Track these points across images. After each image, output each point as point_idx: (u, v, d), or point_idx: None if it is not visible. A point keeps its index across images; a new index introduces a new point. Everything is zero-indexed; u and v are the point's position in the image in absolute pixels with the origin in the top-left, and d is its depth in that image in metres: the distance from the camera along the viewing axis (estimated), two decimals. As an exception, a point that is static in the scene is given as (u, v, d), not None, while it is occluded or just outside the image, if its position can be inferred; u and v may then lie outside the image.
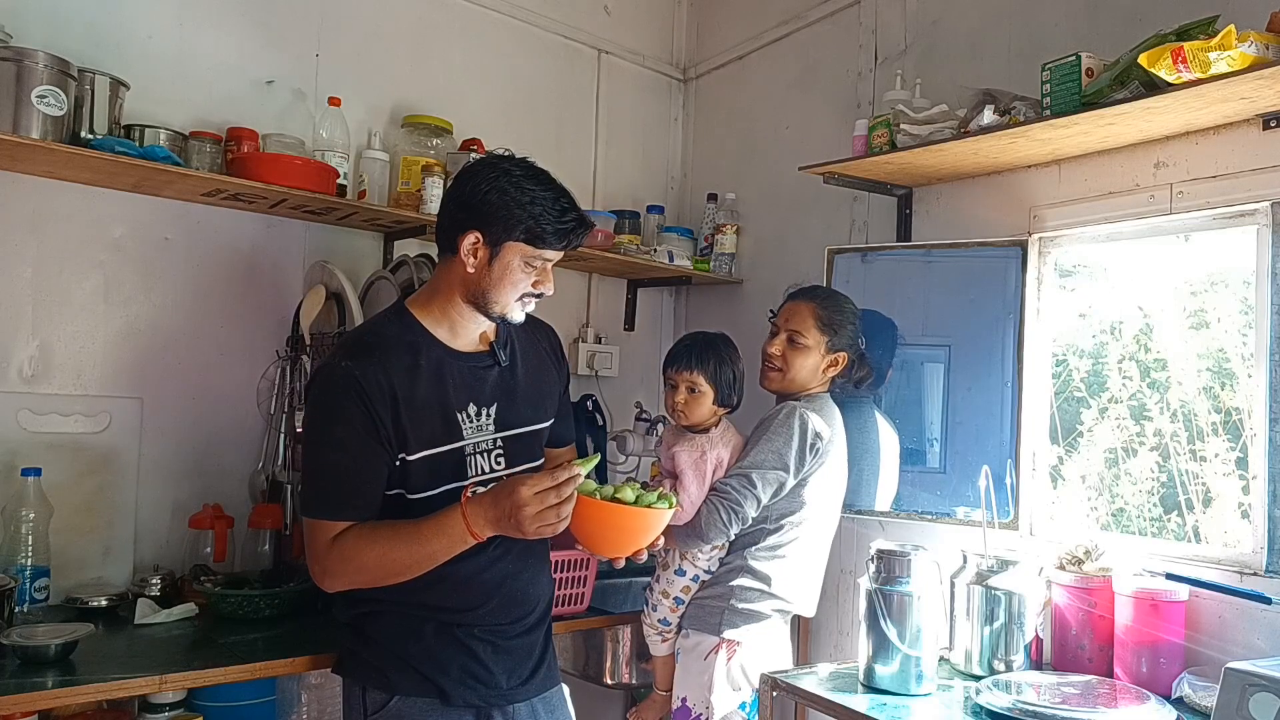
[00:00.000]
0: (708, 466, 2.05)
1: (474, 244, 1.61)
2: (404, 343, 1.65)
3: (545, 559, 1.82)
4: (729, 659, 2.01)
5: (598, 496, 1.58)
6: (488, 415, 1.70)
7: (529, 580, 1.73)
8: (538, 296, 1.69)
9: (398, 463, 1.60)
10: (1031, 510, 2.18)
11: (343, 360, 1.61)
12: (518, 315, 1.69)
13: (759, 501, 2.03)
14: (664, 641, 2.16)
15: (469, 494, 1.56)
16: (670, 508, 1.65)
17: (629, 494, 1.60)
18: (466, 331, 1.71)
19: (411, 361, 1.63)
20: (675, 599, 2.11)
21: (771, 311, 2.28)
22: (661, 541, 1.69)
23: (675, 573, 2.11)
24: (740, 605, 2.04)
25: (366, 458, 1.58)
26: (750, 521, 2.05)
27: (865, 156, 2.31)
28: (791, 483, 2.05)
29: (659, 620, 2.14)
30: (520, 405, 1.74)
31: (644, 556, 1.67)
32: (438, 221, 1.71)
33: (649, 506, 1.61)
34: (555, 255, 1.66)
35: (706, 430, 2.10)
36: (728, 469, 2.06)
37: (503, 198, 1.59)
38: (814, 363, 2.16)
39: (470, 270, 1.63)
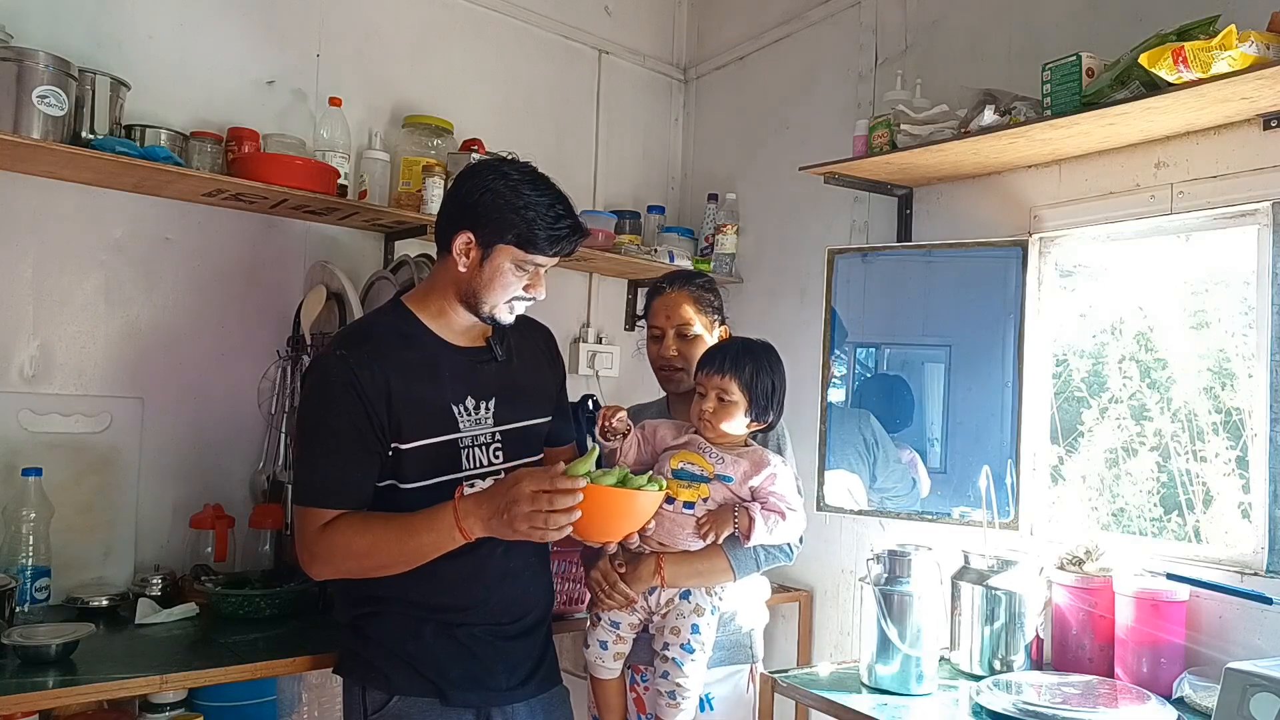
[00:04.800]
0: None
1: (466, 244, 1.62)
2: (400, 335, 1.66)
3: (546, 559, 1.82)
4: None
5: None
6: (486, 409, 1.70)
7: (529, 580, 1.73)
8: (529, 300, 1.69)
9: (390, 453, 1.61)
10: (1032, 510, 2.17)
11: (338, 349, 1.61)
12: (506, 317, 1.68)
13: None
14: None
15: (463, 490, 1.55)
16: (660, 490, 1.57)
17: (613, 479, 1.54)
18: (463, 327, 1.72)
19: (407, 354, 1.64)
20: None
21: (639, 315, 2.10)
22: (652, 526, 1.62)
23: (711, 612, 1.84)
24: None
25: (358, 447, 1.58)
26: None
27: (865, 156, 2.31)
28: None
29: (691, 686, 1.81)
30: (519, 400, 1.75)
31: (635, 541, 1.65)
32: (437, 220, 1.72)
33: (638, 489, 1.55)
34: (548, 261, 1.66)
35: (747, 444, 1.87)
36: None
37: (496, 200, 1.60)
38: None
39: (462, 270, 1.64)
